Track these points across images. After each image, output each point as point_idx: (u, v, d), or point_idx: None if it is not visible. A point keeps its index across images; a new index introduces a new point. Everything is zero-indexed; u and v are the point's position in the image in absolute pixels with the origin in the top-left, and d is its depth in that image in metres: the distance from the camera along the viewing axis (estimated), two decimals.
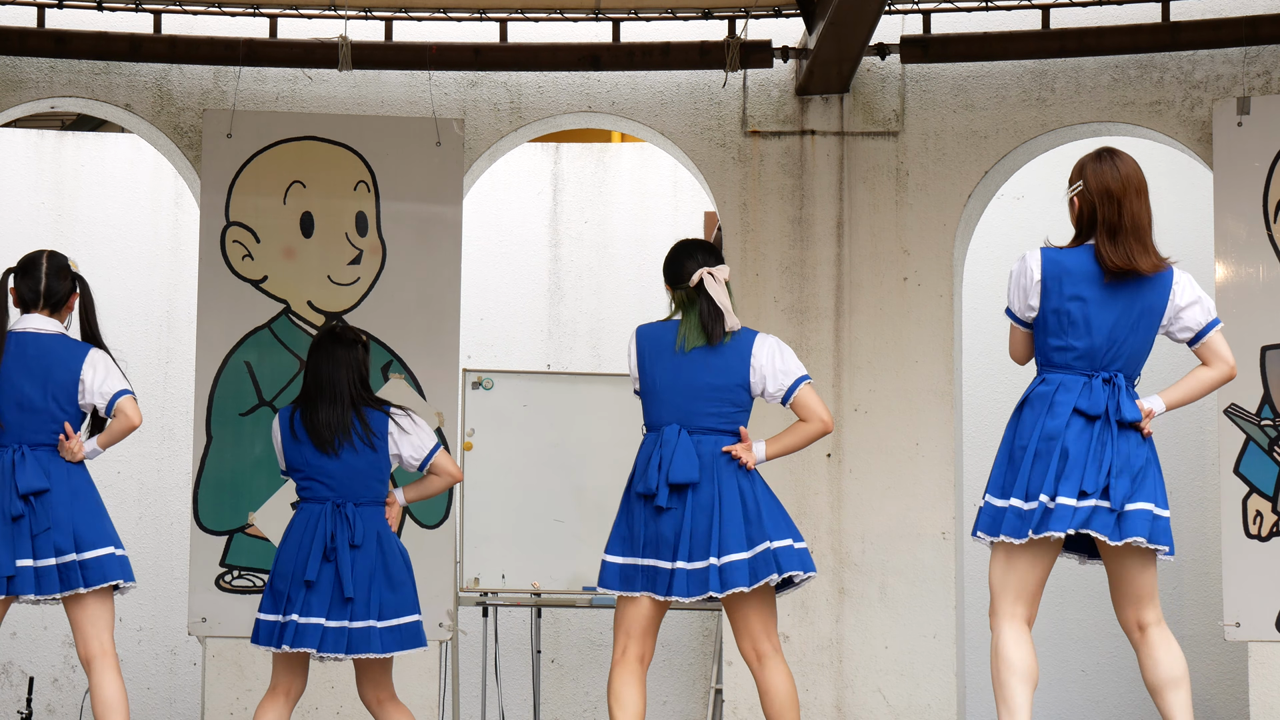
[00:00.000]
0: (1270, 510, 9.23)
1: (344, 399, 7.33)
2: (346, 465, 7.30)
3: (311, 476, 7.32)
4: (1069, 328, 6.20)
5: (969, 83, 9.87)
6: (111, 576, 7.10)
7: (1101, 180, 6.25)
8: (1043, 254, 6.27)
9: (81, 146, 11.65)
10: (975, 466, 10.94)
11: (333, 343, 7.43)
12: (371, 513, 7.34)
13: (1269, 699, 9.18)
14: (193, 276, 10.71)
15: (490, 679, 10.76)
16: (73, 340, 7.21)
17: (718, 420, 6.74)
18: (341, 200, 9.80)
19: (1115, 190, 6.22)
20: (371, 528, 7.32)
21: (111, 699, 7.06)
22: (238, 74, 9.87)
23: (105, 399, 7.14)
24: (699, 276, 6.77)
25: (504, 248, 11.66)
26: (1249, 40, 9.48)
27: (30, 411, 7.09)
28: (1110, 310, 6.19)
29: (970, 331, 10.84)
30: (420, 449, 7.40)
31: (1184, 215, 10.95)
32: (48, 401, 7.10)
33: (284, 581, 7.29)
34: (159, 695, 11.32)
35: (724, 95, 9.94)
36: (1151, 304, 6.22)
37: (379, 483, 7.40)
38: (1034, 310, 6.26)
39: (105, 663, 7.10)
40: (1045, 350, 6.26)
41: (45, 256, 7.26)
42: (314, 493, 7.33)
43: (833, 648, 9.63)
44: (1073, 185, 6.30)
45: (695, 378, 6.73)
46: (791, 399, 6.80)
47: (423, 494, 7.51)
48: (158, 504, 11.40)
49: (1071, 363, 6.20)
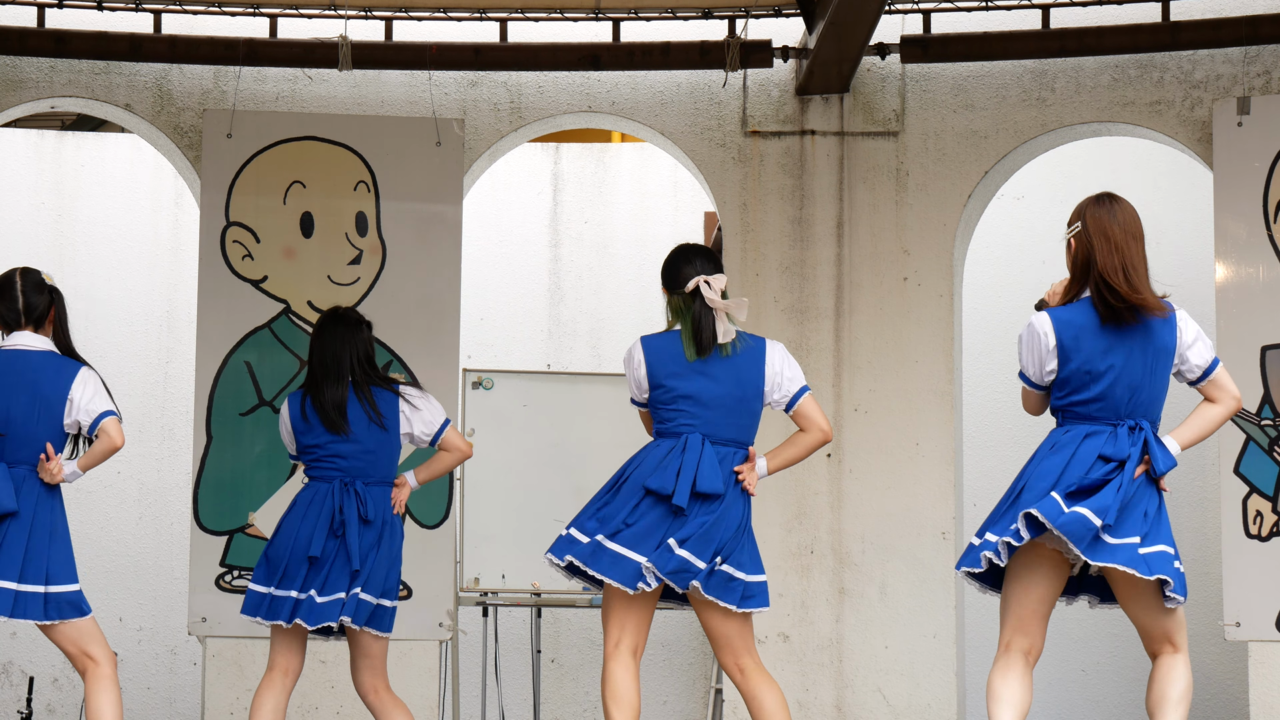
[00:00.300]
0: (1270, 510, 9.23)
1: (347, 378, 7.38)
2: (358, 445, 7.37)
3: (322, 458, 7.38)
4: (1091, 383, 6.20)
5: (969, 83, 9.87)
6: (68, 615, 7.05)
7: (1100, 223, 6.25)
8: (1051, 316, 6.27)
9: (81, 146, 11.65)
10: (975, 466, 10.95)
11: (334, 323, 7.49)
12: (382, 493, 7.39)
13: (1269, 699, 9.19)
14: (193, 276, 10.71)
15: (490, 679, 10.76)
16: (63, 358, 7.16)
17: (737, 431, 6.71)
18: (341, 200, 9.80)
19: (1113, 234, 6.23)
20: (383, 506, 7.38)
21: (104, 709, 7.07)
22: (238, 74, 9.87)
23: (90, 417, 7.08)
24: (694, 284, 6.74)
25: (504, 248, 11.67)
26: (1249, 40, 9.47)
27: (12, 429, 7.04)
28: (1123, 357, 6.21)
29: (970, 331, 10.84)
30: (431, 424, 7.47)
31: (1184, 215, 10.95)
32: (33, 420, 7.05)
33: (281, 554, 7.32)
34: (159, 695, 11.32)
35: (724, 95, 9.94)
36: (1163, 345, 6.24)
37: (389, 463, 7.44)
38: (1053, 374, 6.26)
39: (99, 671, 7.10)
40: (1068, 406, 6.26)
41: (19, 274, 7.20)
42: (324, 473, 7.38)
43: (833, 647, 9.63)
44: (1071, 227, 6.32)
45: (715, 389, 6.69)
46: (794, 408, 6.79)
47: (433, 473, 7.55)
48: (158, 504, 11.40)
49: (1095, 414, 6.22)
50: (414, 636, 9.50)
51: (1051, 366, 6.25)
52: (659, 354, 6.74)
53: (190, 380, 10.11)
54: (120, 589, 11.30)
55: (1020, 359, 6.34)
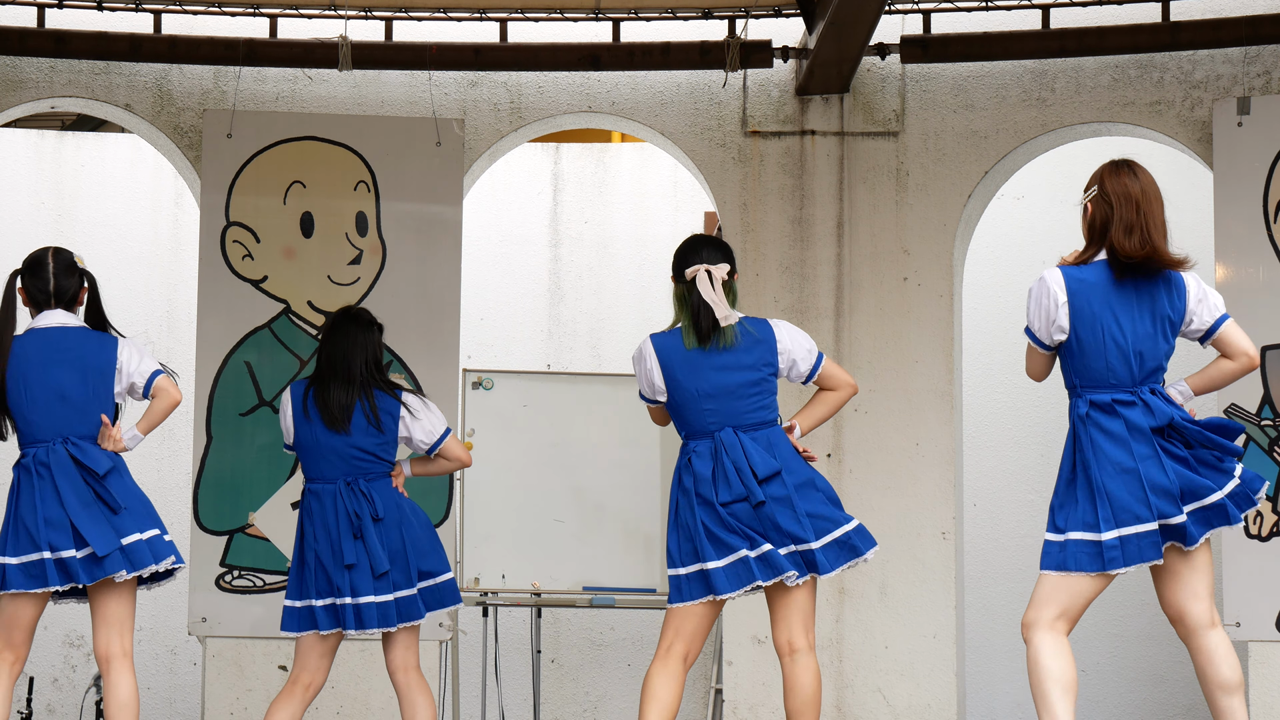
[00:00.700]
0: (1271, 510, 9.23)
1: (356, 380, 7.41)
2: (354, 444, 7.39)
3: (318, 454, 7.39)
4: (1106, 345, 6.19)
5: (969, 83, 9.87)
6: (146, 562, 7.04)
7: (1121, 185, 6.26)
8: (1063, 272, 6.24)
9: (81, 146, 11.65)
10: (975, 466, 10.95)
11: (349, 324, 7.52)
12: (384, 484, 7.41)
13: (1269, 699, 9.18)
14: (193, 276, 10.71)
15: (490, 679, 10.76)
16: (100, 332, 7.22)
17: (762, 412, 6.77)
18: (341, 200, 9.80)
19: (1134, 193, 6.24)
20: (390, 498, 7.40)
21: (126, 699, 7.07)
22: (238, 74, 9.87)
23: (144, 378, 7.12)
24: (694, 273, 6.79)
25: (504, 248, 11.66)
26: (1249, 40, 9.48)
27: (71, 403, 7.07)
28: (1135, 319, 6.22)
29: (970, 331, 10.85)
30: (431, 434, 7.51)
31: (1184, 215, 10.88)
32: (87, 391, 7.08)
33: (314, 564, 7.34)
34: (159, 695, 11.32)
35: (724, 95, 9.94)
36: (1173, 308, 6.26)
37: (385, 461, 7.46)
38: (1064, 333, 6.23)
39: (124, 664, 7.10)
40: (1083, 371, 6.24)
41: (51, 254, 7.25)
42: (320, 472, 7.39)
43: (833, 647, 9.63)
44: (1087, 191, 6.30)
45: (729, 379, 6.74)
46: (817, 373, 6.85)
47: (428, 471, 7.62)
48: (158, 504, 11.27)
49: (1112, 381, 6.21)
50: None
51: (1063, 323, 6.22)
52: (669, 352, 6.79)
53: (190, 380, 10.11)
54: None
55: (1028, 314, 6.30)
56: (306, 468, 7.47)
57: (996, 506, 11.18)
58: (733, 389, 6.75)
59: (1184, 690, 11.00)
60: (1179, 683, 11.02)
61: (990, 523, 11.15)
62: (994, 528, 11.16)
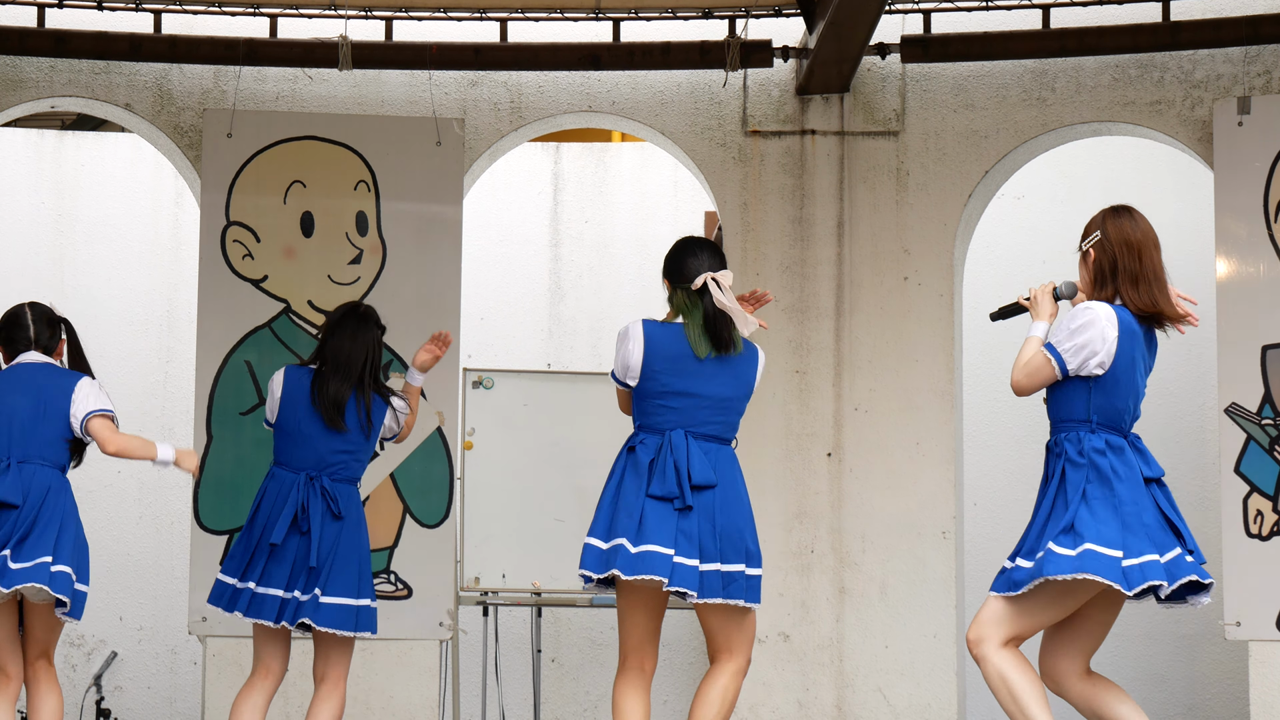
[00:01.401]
0: (1271, 510, 9.23)
1: (354, 377, 7.46)
2: (335, 441, 7.43)
3: (297, 441, 7.44)
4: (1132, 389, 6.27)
5: (969, 82, 9.87)
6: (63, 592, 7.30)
7: (1122, 232, 6.32)
8: (1116, 311, 6.26)
9: (81, 146, 11.65)
10: (975, 466, 10.95)
11: (356, 321, 7.56)
12: (351, 491, 7.47)
13: (1269, 699, 9.18)
14: (193, 276, 10.71)
15: (490, 679, 10.76)
16: (66, 370, 7.50)
17: (722, 429, 6.67)
18: (342, 200, 9.80)
19: (1135, 241, 6.29)
20: (355, 504, 7.44)
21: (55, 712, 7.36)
22: (238, 74, 9.87)
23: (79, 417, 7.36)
24: (703, 280, 6.67)
25: (504, 247, 11.67)
26: (1249, 40, 9.48)
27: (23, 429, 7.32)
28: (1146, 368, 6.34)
29: (970, 331, 10.84)
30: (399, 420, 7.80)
31: (1184, 215, 10.95)
32: (39, 420, 7.33)
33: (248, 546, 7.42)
34: (159, 695, 11.32)
35: (724, 95, 9.94)
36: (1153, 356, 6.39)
37: (359, 464, 7.52)
38: (1103, 369, 6.22)
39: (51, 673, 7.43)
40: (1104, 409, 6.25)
41: (28, 308, 7.52)
42: (291, 458, 7.45)
43: (833, 647, 9.63)
44: (1088, 238, 6.33)
45: (710, 388, 6.63)
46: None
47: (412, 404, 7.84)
48: (158, 504, 11.40)
49: (1122, 424, 6.27)
50: (414, 636, 9.50)
51: (1105, 360, 6.21)
52: (659, 344, 6.65)
53: (190, 380, 10.11)
54: (120, 588, 11.30)
55: (1062, 335, 6.27)
56: (278, 450, 7.56)
57: (996, 506, 11.17)
58: (709, 399, 6.62)
59: (1184, 690, 11.00)
60: (1179, 683, 11.02)
61: (990, 523, 11.15)
62: (994, 528, 11.15)
